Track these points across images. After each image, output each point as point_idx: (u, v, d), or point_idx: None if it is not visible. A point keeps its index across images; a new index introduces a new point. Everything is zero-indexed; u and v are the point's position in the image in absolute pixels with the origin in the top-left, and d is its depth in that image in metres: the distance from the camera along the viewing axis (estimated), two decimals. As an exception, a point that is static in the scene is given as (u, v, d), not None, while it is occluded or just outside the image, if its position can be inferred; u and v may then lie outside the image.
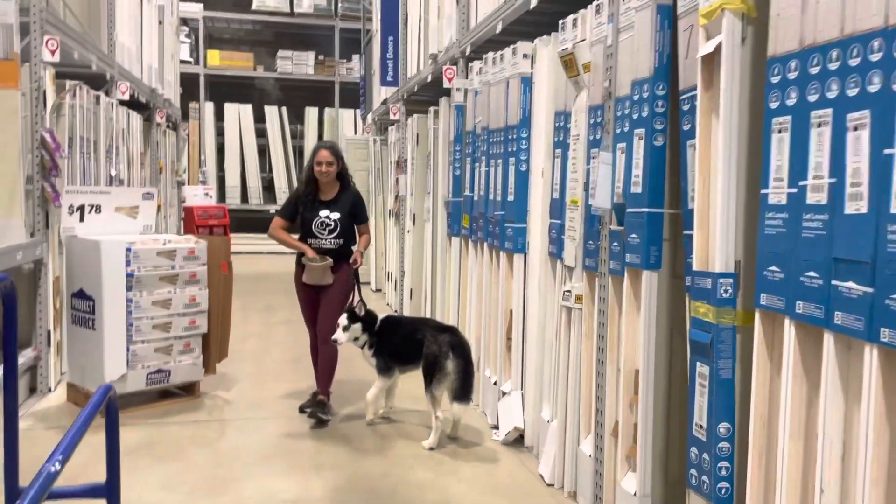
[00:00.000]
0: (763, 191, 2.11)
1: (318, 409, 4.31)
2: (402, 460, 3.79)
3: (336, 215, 4.45)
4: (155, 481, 3.48)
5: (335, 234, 4.44)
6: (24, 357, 4.57)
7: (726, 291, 2.24)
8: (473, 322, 4.85)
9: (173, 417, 4.41)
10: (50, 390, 4.83)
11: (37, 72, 4.64)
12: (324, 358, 4.43)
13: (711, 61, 2.34)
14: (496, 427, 4.26)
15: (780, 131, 2.07)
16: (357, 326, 4.20)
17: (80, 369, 4.52)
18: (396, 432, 4.23)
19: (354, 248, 4.52)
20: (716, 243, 2.27)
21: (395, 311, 4.29)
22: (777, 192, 2.06)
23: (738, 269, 2.26)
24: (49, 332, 4.81)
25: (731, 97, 2.26)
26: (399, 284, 7.86)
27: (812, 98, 1.95)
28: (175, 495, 3.35)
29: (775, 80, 2.09)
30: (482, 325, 4.66)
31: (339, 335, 4.15)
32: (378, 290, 9.56)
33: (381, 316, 4.36)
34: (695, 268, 2.35)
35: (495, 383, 4.35)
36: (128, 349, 4.39)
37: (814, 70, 1.95)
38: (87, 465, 3.34)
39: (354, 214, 4.53)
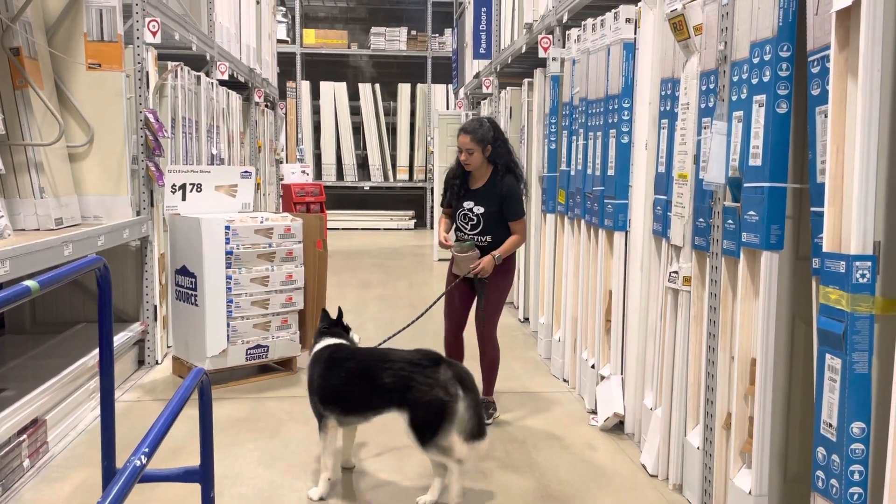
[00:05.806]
0: (912, 162, 1.85)
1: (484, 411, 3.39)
2: (495, 444, 3.69)
3: (480, 209, 3.86)
4: (253, 457, 3.53)
5: (478, 230, 3.88)
6: (133, 331, 4.75)
7: (863, 276, 2.00)
8: (570, 302, 4.68)
9: (272, 392, 4.49)
10: (157, 363, 5.01)
11: (140, 53, 4.76)
12: (486, 362, 3.97)
13: (848, 17, 2.08)
14: (594, 412, 4.10)
15: (934, 93, 1.80)
16: None
17: (184, 343, 4.66)
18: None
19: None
20: (851, 222, 2.02)
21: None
22: (929, 164, 1.80)
23: (878, 250, 2.00)
24: (156, 307, 4.98)
25: (871, 57, 1.99)
26: (492, 261, 7.74)
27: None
28: (271, 472, 3.38)
29: (929, 34, 1.81)
30: (579, 306, 4.49)
31: None
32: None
33: (331, 340, 3.27)
34: (825, 249, 2.11)
35: (593, 366, 4.18)
36: (228, 325, 4.48)
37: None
38: (188, 438, 3.42)
39: (504, 209, 3.86)
